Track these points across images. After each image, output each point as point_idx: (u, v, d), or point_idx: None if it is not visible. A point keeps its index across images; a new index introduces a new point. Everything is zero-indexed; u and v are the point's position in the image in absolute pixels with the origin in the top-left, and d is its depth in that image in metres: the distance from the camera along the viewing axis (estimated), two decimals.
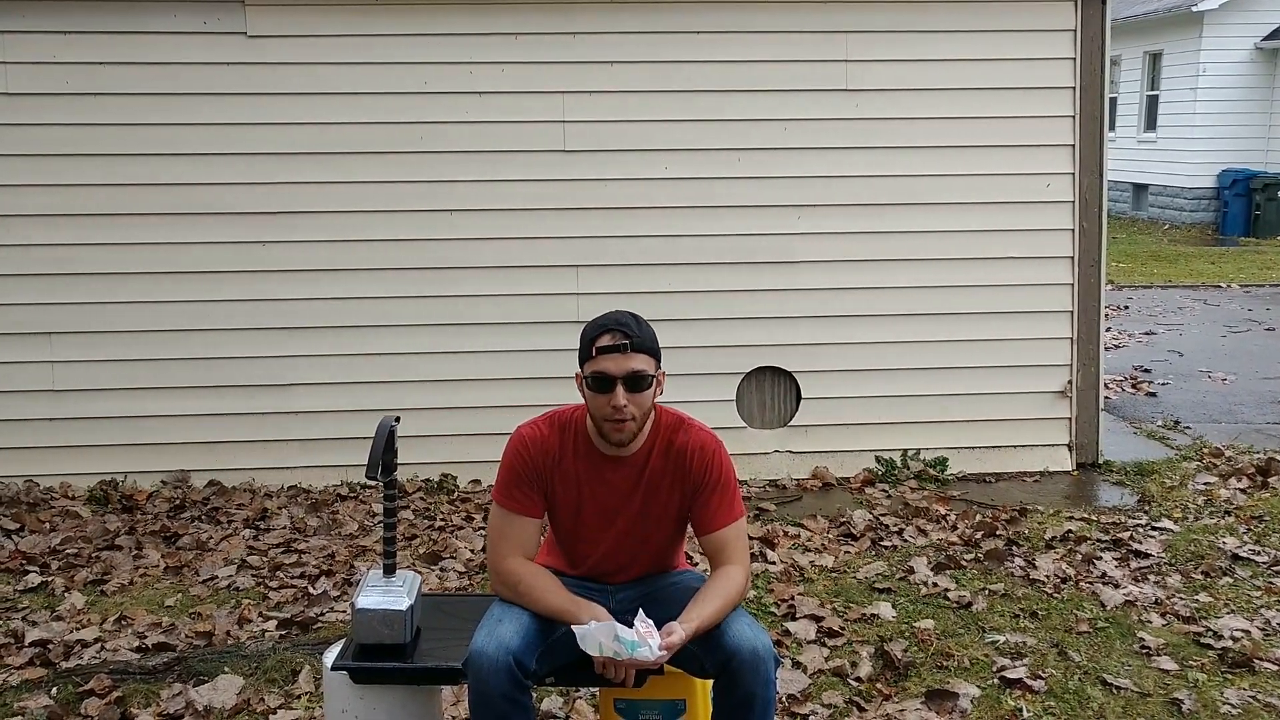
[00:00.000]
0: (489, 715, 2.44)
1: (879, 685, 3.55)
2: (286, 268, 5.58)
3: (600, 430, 2.62)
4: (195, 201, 5.49)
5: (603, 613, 2.55)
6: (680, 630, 2.42)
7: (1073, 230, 5.87)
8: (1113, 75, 19.74)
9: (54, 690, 3.51)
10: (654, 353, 2.60)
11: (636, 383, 2.55)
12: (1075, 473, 5.97)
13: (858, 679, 3.59)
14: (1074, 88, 5.77)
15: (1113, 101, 20.13)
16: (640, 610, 2.46)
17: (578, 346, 2.63)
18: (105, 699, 3.45)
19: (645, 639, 2.35)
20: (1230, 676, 3.59)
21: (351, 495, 5.53)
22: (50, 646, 3.81)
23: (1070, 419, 6.01)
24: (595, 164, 5.64)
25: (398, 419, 2.83)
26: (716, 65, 5.62)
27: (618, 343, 2.53)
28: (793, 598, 4.18)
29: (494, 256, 5.67)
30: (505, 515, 2.68)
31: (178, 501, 5.38)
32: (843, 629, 3.94)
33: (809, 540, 4.89)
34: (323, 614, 4.11)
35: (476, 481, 5.70)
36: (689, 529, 2.82)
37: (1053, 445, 6.02)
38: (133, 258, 5.51)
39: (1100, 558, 4.62)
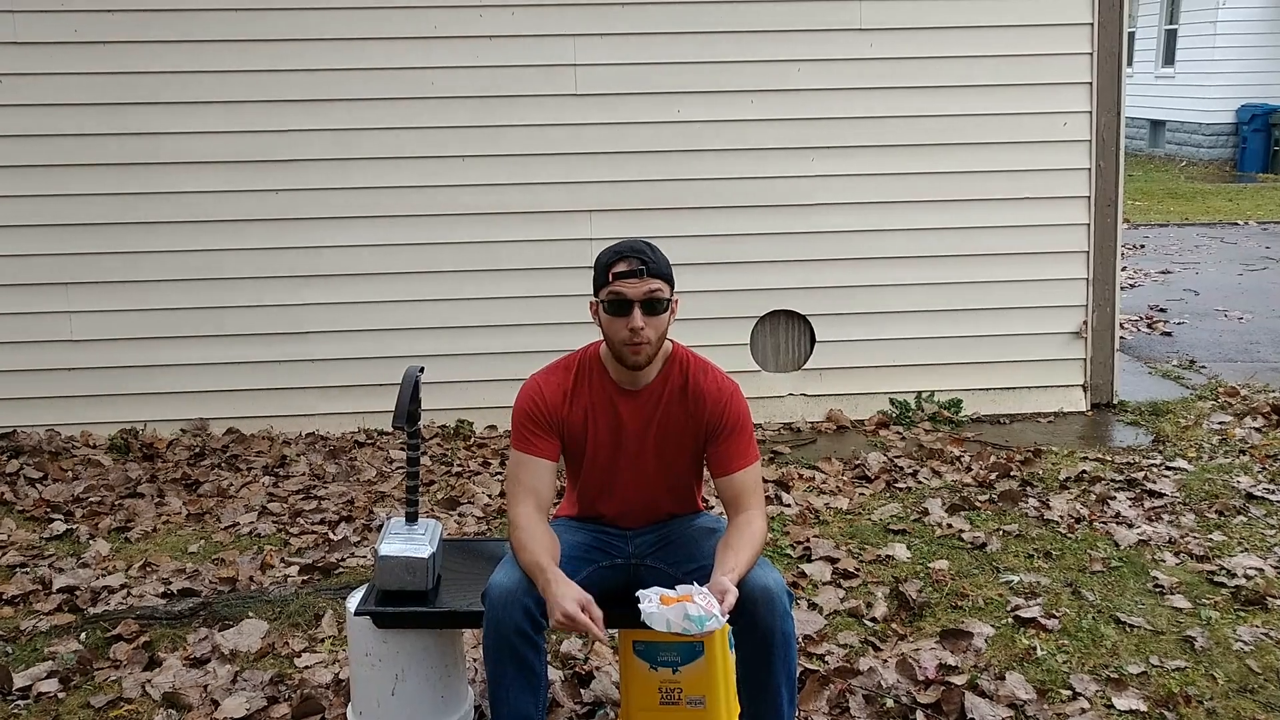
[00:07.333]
0: (501, 649, 2.49)
1: (894, 625, 3.59)
2: (300, 216, 5.58)
3: (617, 355, 2.64)
4: (207, 149, 5.48)
5: (575, 592, 2.43)
6: (731, 588, 2.41)
7: (1089, 170, 5.82)
8: (1130, 9, 19.41)
9: (83, 635, 3.57)
10: (669, 278, 2.64)
11: (653, 305, 2.59)
12: (1090, 413, 5.97)
13: (873, 619, 3.63)
14: (1092, 24, 5.68)
15: (1130, 36, 19.80)
16: (694, 584, 2.43)
17: (592, 274, 2.67)
18: (133, 643, 3.51)
19: (710, 610, 2.35)
20: (1243, 614, 3.62)
21: (369, 442, 5.57)
22: (78, 592, 3.87)
23: (1085, 360, 6.00)
24: (607, 108, 5.61)
25: (422, 369, 2.84)
26: (728, 6, 5.55)
27: (634, 268, 2.58)
28: (808, 540, 4.22)
29: (507, 202, 5.65)
30: (518, 458, 2.71)
31: (197, 449, 5.43)
32: (858, 570, 3.98)
33: (824, 483, 4.92)
34: (343, 559, 4.16)
35: (493, 427, 5.74)
36: (704, 477, 2.83)
37: (1067, 386, 6.01)
38: (147, 207, 5.52)
39: (1114, 498, 4.64)
